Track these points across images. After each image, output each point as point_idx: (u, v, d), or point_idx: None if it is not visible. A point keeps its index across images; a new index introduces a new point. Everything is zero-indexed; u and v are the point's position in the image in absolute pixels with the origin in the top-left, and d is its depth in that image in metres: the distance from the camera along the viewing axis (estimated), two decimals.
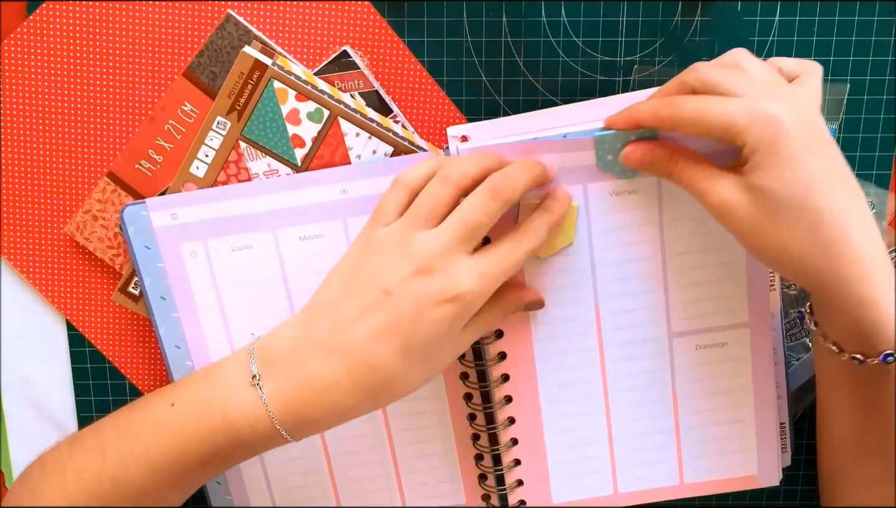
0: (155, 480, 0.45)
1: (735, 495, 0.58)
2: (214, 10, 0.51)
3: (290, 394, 0.43)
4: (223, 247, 0.51)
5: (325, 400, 0.43)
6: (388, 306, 0.42)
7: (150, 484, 0.45)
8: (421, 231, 0.43)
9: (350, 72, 0.51)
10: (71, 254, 0.55)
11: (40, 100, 0.52)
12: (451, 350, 0.46)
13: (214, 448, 0.44)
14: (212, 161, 0.52)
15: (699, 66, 0.43)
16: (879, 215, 0.54)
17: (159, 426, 0.45)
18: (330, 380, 0.43)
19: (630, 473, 0.55)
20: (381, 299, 0.43)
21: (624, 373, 0.53)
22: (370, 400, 0.44)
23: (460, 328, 0.44)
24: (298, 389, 0.43)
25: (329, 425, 0.44)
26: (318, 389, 0.43)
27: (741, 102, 0.40)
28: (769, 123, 0.39)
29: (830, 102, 0.52)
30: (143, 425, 0.46)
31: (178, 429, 0.45)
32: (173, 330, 0.53)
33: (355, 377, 0.43)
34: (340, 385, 0.43)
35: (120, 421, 0.47)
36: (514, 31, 0.52)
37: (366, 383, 0.43)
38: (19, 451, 0.57)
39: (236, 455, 0.45)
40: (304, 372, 0.43)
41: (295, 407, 0.43)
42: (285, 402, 0.43)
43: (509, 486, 0.55)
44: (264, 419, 0.43)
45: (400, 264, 0.43)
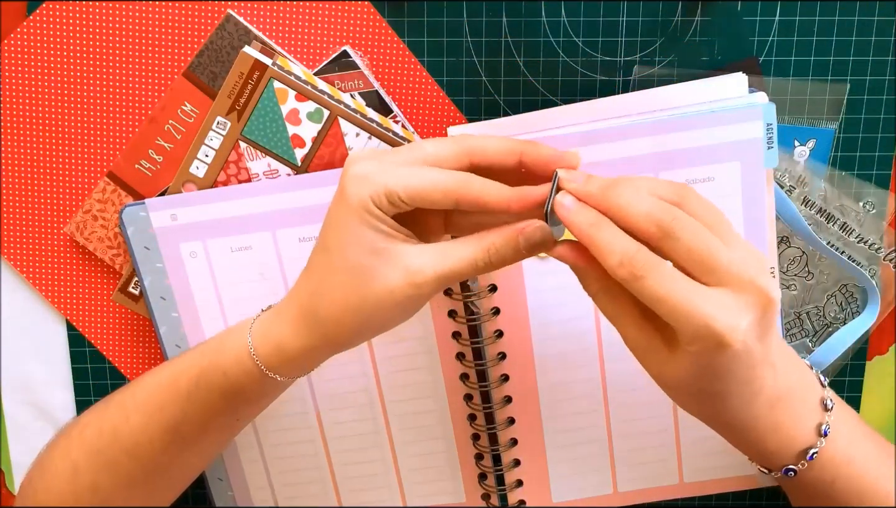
0: (150, 425, 0.45)
1: (735, 495, 0.58)
2: (214, 10, 0.51)
3: (270, 320, 0.43)
4: (223, 247, 0.51)
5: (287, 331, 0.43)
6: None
7: (145, 432, 0.45)
8: None
9: (350, 72, 0.51)
10: (71, 254, 0.55)
11: (40, 100, 0.52)
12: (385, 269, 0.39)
13: (199, 370, 0.44)
14: (212, 161, 0.52)
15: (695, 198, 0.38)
16: (879, 215, 0.54)
17: (161, 367, 0.47)
18: (287, 313, 0.43)
19: (630, 473, 0.55)
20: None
21: (624, 373, 0.53)
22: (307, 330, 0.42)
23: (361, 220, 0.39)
24: (275, 316, 0.43)
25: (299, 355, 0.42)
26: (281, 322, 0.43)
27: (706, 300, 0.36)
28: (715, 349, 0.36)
29: (830, 102, 0.52)
30: (150, 372, 0.47)
31: (175, 365, 0.46)
32: (173, 330, 0.53)
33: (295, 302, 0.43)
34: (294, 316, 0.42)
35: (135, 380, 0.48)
36: (514, 31, 0.52)
37: (302, 303, 0.42)
38: (19, 451, 0.58)
39: (217, 384, 0.44)
40: (279, 309, 0.44)
41: (269, 331, 0.43)
42: (262, 328, 0.43)
43: (509, 486, 0.55)
44: (245, 345, 0.43)
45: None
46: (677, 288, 0.36)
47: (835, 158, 0.53)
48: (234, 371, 0.43)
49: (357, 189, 0.39)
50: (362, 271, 0.40)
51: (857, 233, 0.54)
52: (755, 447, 0.43)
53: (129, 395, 0.47)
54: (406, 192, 0.39)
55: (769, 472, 0.44)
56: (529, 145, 0.41)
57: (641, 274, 0.36)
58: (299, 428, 0.54)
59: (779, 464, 0.43)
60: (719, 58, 0.52)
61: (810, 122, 0.53)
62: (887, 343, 0.56)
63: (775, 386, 0.40)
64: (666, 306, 0.36)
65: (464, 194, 0.39)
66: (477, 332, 0.52)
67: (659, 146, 0.48)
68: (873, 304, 0.54)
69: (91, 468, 0.46)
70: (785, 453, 0.42)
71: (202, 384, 0.44)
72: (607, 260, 0.36)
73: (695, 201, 0.38)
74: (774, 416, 0.41)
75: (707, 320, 0.35)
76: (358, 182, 0.39)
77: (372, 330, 0.42)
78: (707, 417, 0.42)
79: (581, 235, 0.38)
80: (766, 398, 0.40)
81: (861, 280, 0.54)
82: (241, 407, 0.46)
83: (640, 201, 0.37)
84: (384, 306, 0.40)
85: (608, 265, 0.36)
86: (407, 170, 0.39)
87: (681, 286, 0.36)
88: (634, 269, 0.36)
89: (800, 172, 0.53)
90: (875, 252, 0.54)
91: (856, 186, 0.54)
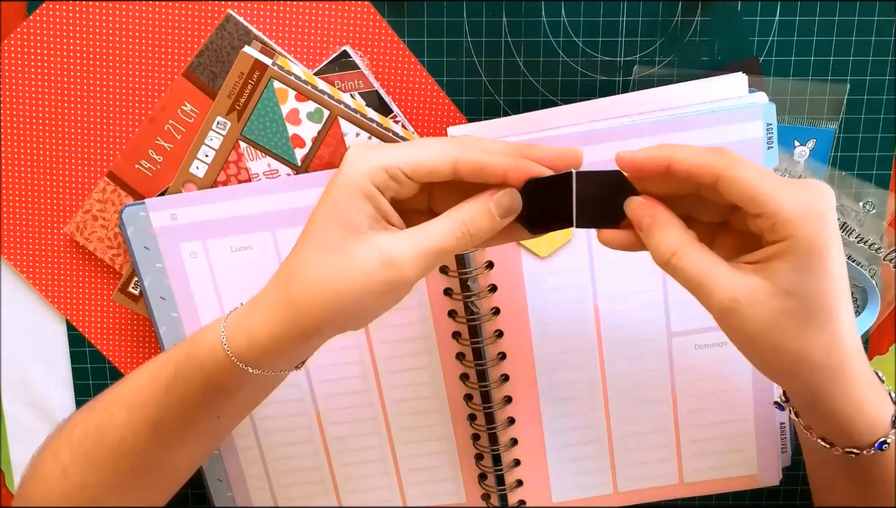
0: (132, 421, 0.44)
1: (735, 495, 0.58)
2: (214, 10, 0.51)
3: (245, 312, 0.42)
4: (223, 247, 0.51)
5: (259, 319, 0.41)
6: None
7: (129, 428, 0.44)
8: None
9: (350, 72, 0.51)
10: (71, 254, 0.55)
11: (40, 100, 0.52)
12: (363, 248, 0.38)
13: (176, 364, 0.43)
14: (212, 161, 0.52)
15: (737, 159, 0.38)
16: (879, 215, 0.54)
17: (144, 365, 0.46)
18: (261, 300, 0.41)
19: (630, 473, 0.55)
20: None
21: (624, 373, 0.53)
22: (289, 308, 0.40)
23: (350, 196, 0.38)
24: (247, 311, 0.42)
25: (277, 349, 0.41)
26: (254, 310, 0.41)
27: (794, 188, 0.36)
28: (821, 226, 0.36)
29: (830, 102, 0.52)
30: (134, 370, 0.47)
31: (155, 361, 0.45)
32: (173, 330, 0.53)
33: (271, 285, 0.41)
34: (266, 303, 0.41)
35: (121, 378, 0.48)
36: (514, 31, 0.52)
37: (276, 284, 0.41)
38: (19, 451, 0.58)
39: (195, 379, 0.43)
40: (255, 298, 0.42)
41: (242, 321, 0.41)
42: (237, 320, 0.42)
43: (509, 486, 0.55)
44: (219, 337, 0.42)
45: None
46: (770, 177, 0.36)
47: (835, 158, 0.53)
48: (210, 363, 0.42)
49: (353, 168, 0.39)
50: (337, 250, 0.38)
51: (857, 233, 0.54)
52: (856, 397, 0.39)
53: (112, 393, 0.46)
54: (407, 163, 0.38)
55: (859, 452, 0.40)
56: (529, 149, 0.40)
57: (737, 163, 0.36)
58: (299, 428, 0.54)
59: (868, 440, 0.40)
60: (719, 58, 0.52)
61: (810, 122, 0.53)
62: (887, 343, 0.56)
63: (853, 327, 0.38)
64: (766, 188, 0.36)
65: (463, 157, 0.39)
66: (477, 332, 0.52)
67: None
68: (873, 304, 0.54)
69: (79, 468, 0.46)
70: (883, 418, 0.39)
71: (180, 377, 0.43)
72: (700, 156, 0.37)
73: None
74: (864, 362, 0.39)
75: (807, 199, 0.36)
76: (355, 161, 0.39)
77: (349, 316, 0.40)
78: (811, 363, 0.38)
79: (661, 159, 0.38)
80: (853, 331, 0.38)
81: (861, 280, 0.54)
82: (220, 401, 0.44)
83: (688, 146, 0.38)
84: (359, 289, 0.38)
85: (703, 160, 0.37)
86: (406, 147, 0.39)
87: (771, 176, 0.36)
88: (720, 168, 0.36)
89: (800, 172, 0.53)
90: (875, 252, 0.54)
91: (856, 186, 0.54)
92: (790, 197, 0.36)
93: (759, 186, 0.36)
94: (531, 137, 0.48)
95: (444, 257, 0.40)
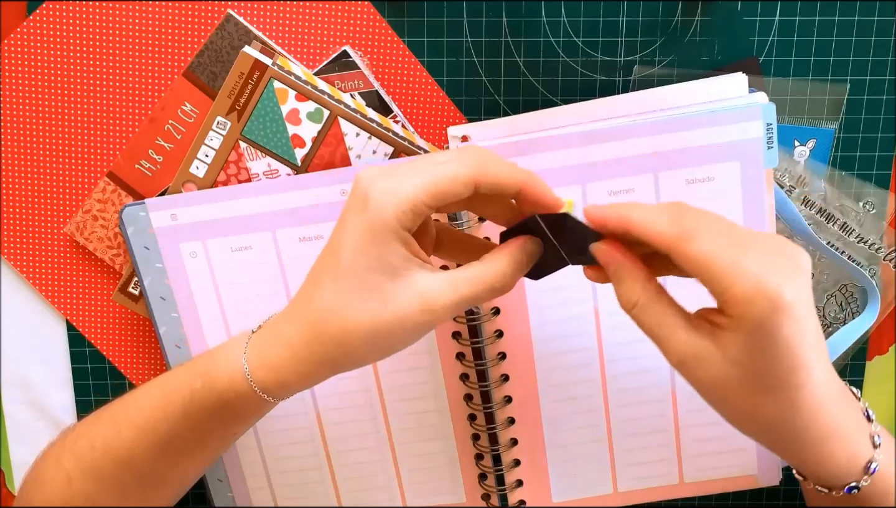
0: (140, 439, 0.44)
1: (735, 495, 0.58)
2: (214, 10, 0.51)
3: (265, 342, 0.42)
4: (223, 247, 0.51)
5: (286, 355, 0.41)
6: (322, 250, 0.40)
7: (136, 446, 0.44)
8: None
9: (350, 72, 0.51)
10: (71, 254, 0.55)
11: (40, 100, 0.52)
12: (401, 294, 0.38)
13: (191, 393, 0.43)
14: (212, 161, 0.52)
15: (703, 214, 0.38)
16: (879, 215, 0.54)
17: (153, 384, 0.46)
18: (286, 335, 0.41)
19: (630, 473, 0.55)
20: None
21: (624, 373, 0.53)
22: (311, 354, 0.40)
23: (384, 238, 0.38)
24: (271, 338, 0.42)
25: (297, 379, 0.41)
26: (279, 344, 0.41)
27: (752, 260, 0.35)
28: (772, 306, 0.34)
29: (830, 102, 0.52)
30: (141, 388, 0.46)
31: (166, 383, 0.45)
32: (173, 330, 0.53)
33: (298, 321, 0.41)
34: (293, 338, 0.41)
35: (126, 393, 0.48)
36: (514, 31, 0.52)
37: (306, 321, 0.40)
38: (19, 451, 0.58)
39: (211, 406, 0.43)
40: (278, 322, 0.42)
41: (265, 354, 0.41)
42: (259, 350, 0.41)
43: (509, 486, 0.55)
44: (238, 364, 0.42)
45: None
46: (725, 248, 0.35)
47: (835, 158, 0.53)
48: (229, 394, 0.42)
49: (381, 209, 0.37)
50: (375, 295, 0.38)
51: (857, 233, 0.54)
52: (823, 461, 0.39)
53: (120, 410, 0.46)
54: (427, 194, 0.37)
55: (829, 491, 0.40)
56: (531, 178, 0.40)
57: (692, 234, 0.35)
58: (299, 428, 0.54)
59: (842, 480, 0.40)
60: (719, 58, 0.52)
61: (810, 122, 0.53)
62: (887, 343, 0.56)
63: (829, 379, 0.37)
64: (715, 266, 0.35)
65: (484, 179, 0.38)
66: (477, 332, 0.52)
67: (659, 146, 0.48)
68: (873, 304, 0.54)
69: (84, 479, 0.46)
70: (852, 466, 0.39)
71: (195, 405, 0.43)
72: (655, 225, 0.36)
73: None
74: (843, 420, 0.38)
75: (758, 277, 0.34)
76: (380, 201, 0.37)
77: (376, 355, 0.40)
78: (763, 423, 0.38)
79: (620, 219, 0.37)
80: (825, 391, 0.37)
81: (861, 280, 0.54)
82: (235, 425, 0.45)
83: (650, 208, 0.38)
84: (395, 331, 0.39)
85: (657, 231, 0.36)
86: (422, 173, 0.38)
87: (728, 247, 0.35)
88: (684, 229, 0.36)
89: (800, 172, 0.53)
90: (875, 252, 0.54)
91: (856, 186, 0.54)
92: (742, 274, 0.34)
93: (710, 264, 0.35)
94: (531, 137, 0.48)
95: (475, 303, 0.41)
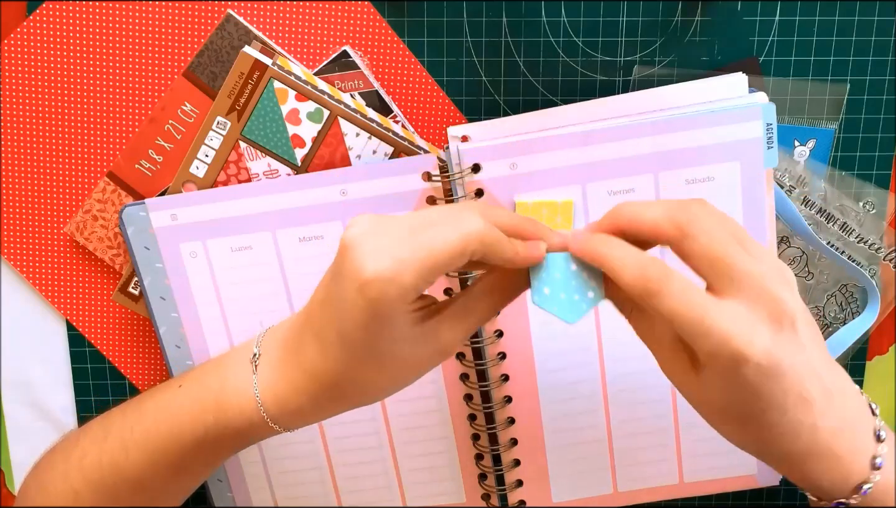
0: (152, 464, 0.44)
1: (735, 495, 0.58)
2: (214, 10, 0.51)
3: (280, 384, 0.42)
4: (223, 247, 0.51)
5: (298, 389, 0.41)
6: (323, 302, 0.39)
7: (147, 469, 0.45)
8: None
9: (350, 72, 0.51)
10: (71, 254, 0.55)
11: (40, 100, 0.52)
12: (415, 350, 0.39)
13: (205, 428, 0.43)
14: (212, 161, 0.52)
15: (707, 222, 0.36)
16: (879, 215, 0.54)
17: (161, 408, 0.45)
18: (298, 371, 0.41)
19: (630, 473, 0.55)
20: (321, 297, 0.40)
21: (624, 373, 0.53)
22: (330, 403, 0.41)
23: (391, 321, 0.37)
24: (285, 379, 0.42)
25: (315, 419, 0.43)
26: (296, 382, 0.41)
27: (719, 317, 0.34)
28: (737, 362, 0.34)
29: (830, 102, 0.52)
30: (147, 408, 0.46)
31: (176, 410, 0.45)
32: (173, 330, 0.53)
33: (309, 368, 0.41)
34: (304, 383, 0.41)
35: (129, 406, 0.48)
36: (514, 31, 0.52)
37: (314, 375, 0.40)
38: (19, 451, 0.58)
39: (226, 438, 0.44)
40: (290, 363, 0.42)
41: (282, 396, 0.42)
42: (273, 390, 0.42)
43: (509, 486, 0.55)
44: (253, 402, 0.42)
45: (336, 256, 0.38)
46: (692, 302, 0.34)
47: (835, 158, 0.53)
48: (244, 429, 0.43)
49: (386, 299, 0.36)
50: (397, 360, 0.39)
51: (857, 233, 0.54)
52: (805, 478, 0.39)
53: (127, 430, 0.46)
54: (431, 273, 0.36)
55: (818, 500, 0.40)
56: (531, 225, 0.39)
57: (656, 288, 0.34)
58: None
59: (829, 497, 0.40)
60: (719, 58, 0.52)
61: (810, 122, 0.53)
62: (887, 343, 0.56)
63: (827, 414, 0.37)
64: (681, 321, 0.34)
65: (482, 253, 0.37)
66: (477, 332, 0.52)
67: (659, 146, 0.48)
68: (873, 304, 0.54)
69: (93, 495, 0.46)
70: (838, 487, 0.39)
71: (210, 439, 0.44)
72: (621, 277, 0.35)
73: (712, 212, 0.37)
74: (828, 447, 0.38)
75: (723, 334, 0.34)
76: (383, 290, 0.36)
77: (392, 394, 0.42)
78: (751, 446, 0.39)
79: (594, 257, 0.37)
80: (817, 426, 0.37)
81: (861, 280, 0.54)
82: (245, 447, 0.46)
83: (651, 206, 0.37)
84: (411, 379, 0.41)
85: (623, 283, 0.35)
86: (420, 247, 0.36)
87: (696, 300, 0.34)
88: (649, 283, 0.35)
89: (800, 172, 0.53)
90: (875, 252, 0.54)
91: (856, 186, 0.54)
92: (706, 334, 0.34)
93: (676, 321, 0.35)
94: (531, 137, 0.48)
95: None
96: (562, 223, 0.50)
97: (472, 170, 0.49)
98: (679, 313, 0.34)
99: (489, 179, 0.49)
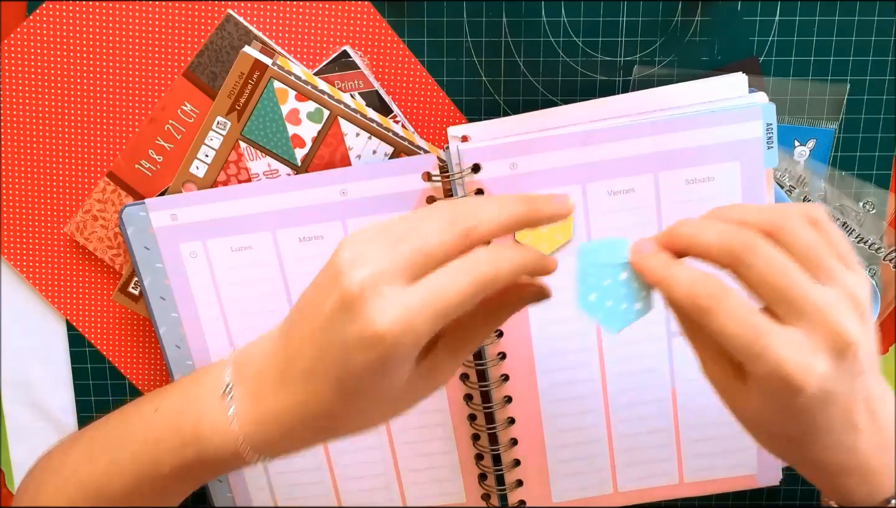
0: (135, 490, 0.44)
1: (735, 495, 0.58)
2: (214, 10, 0.51)
3: (264, 423, 0.40)
4: (223, 247, 0.51)
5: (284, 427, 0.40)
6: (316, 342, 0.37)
7: (132, 494, 0.44)
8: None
9: (350, 72, 0.51)
10: (71, 254, 0.55)
11: (40, 100, 0.52)
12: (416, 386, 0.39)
13: (185, 462, 0.42)
14: (212, 161, 0.52)
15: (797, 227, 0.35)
16: (879, 215, 0.54)
17: (139, 434, 0.44)
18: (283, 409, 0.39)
19: (630, 472, 0.55)
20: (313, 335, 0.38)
21: (624, 373, 0.53)
22: (316, 435, 0.40)
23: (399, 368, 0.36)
24: (270, 418, 0.40)
25: (294, 450, 0.41)
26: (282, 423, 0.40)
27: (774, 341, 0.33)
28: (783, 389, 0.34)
29: (830, 102, 0.52)
30: (128, 430, 0.45)
31: (154, 439, 0.43)
32: (173, 330, 0.53)
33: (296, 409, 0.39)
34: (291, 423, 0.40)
35: (114, 423, 0.47)
36: (514, 31, 0.52)
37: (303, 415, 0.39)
38: (19, 451, 0.58)
39: (207, 471, 0.43)
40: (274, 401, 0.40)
41: (267, 436, 0.40)
42: (256, 427, 0.40)
43: (509, 486, 0.55)
44: (232, 437, 0.40)
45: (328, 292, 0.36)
46: (747, 324, 0.33)
47: (835, 158, 0.53)
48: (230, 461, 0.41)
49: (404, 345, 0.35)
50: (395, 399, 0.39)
51: (857, 233, 0.54)
52: (836, 490, 0.39)
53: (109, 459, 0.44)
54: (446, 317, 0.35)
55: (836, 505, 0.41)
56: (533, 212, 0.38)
57: (706, 305, 0.34)
58: None
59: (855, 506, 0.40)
60: (719, 58, 0.52)
61: (810, 122, 0.53)
62: (887, 343, 0.56)
63: (870, 436, 0.37)
64: (734, 343, 0.34)
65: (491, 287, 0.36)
66: None
67: (659, 146, 0.48)
68: (873, 304, 0.54)
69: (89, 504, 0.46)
70: (867, 499, 0.39)
71: (192, 473, 0.43)
72: (674, 293, 0.35)
73: (794, 227, 0.35)
74: (866, 464, 0.38)
75: (777, 360, 0.33)
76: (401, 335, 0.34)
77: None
78: (785, 455, 0.40)
79: (653, 277, 0.36)
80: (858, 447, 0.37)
81: None
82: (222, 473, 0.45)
83: (707, 228, 0.36)
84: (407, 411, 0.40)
85: (675, 299, 0.35)
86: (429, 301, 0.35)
87: (750, 322, 0.33)
88: (698, 299, 0.34)
89: (800, 172, 0.53)
90: (875, 252, 0.54)
91: (856, 186, 0.54)
92: (758, 356, 0.34)
93: (728, 343, 0.34)
94: (531, 137, 0.48)
95: None
96: (564, 226, 0.50)
97: (472, 170, 0.49)
98: (730, 333, 0.34)
99: (489, 179, 0.49)
